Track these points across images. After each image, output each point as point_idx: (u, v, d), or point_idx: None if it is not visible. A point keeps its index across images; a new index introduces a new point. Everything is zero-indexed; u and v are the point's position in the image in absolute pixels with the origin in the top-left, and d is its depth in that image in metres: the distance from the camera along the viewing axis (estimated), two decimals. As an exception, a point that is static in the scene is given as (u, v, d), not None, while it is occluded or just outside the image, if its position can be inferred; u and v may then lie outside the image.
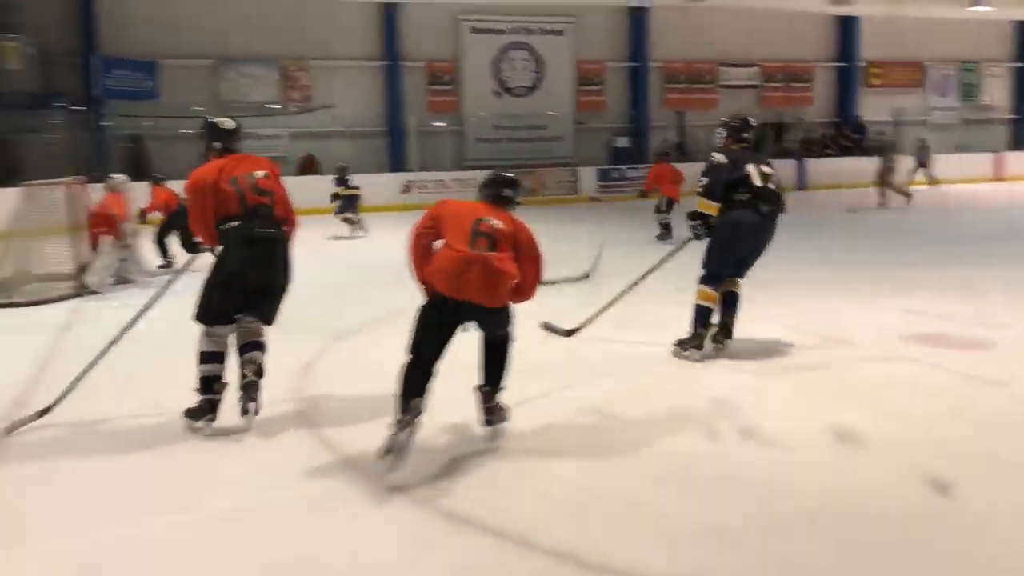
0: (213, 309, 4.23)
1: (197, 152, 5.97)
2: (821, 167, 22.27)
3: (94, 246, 8.84)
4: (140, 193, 15.81)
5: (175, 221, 9.75)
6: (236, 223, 4.18)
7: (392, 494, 3.33)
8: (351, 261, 10.35)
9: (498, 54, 21.60)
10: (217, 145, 4.56)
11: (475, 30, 21.28)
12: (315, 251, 11.41)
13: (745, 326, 6.07)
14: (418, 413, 3.51)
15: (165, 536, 3.03)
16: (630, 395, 4.52)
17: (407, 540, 2.99)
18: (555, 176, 20.39)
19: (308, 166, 19.79)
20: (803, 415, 4.13)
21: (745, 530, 2.94)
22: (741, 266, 5.36)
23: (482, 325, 3.76)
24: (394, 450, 3.40)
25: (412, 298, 3.79)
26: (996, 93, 26.29)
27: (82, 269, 8.76)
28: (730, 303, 5.40)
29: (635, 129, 22.60)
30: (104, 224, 8.81)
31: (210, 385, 4.19)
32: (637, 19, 22.23)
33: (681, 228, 6.54)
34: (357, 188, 14.16)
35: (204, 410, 4.16)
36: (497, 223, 3.74)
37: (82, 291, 8.07)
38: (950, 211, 15.63)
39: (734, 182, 5.15)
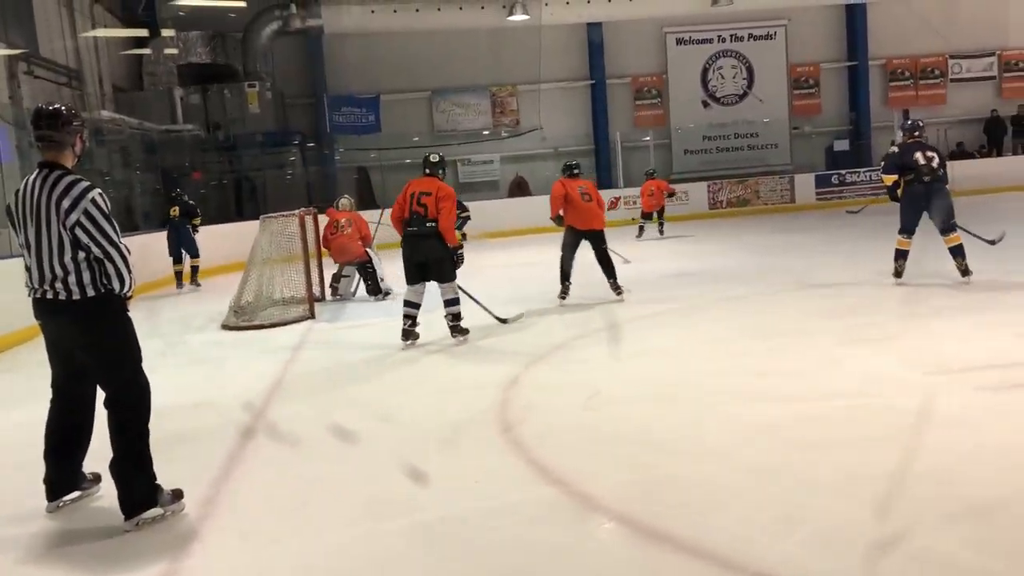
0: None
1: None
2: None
3: (348, 261, 9.67)
4: (368, 219, 16.94)
5: None
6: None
7: (595, 510, 3.29)
8: (556, 278, 10.44)
9: (705, 64, 21.19)
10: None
11: (680, 42, 21.01)
12: (527, 267, 11.70)
13: (975, 336, 5.59)
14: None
15: (377, 543, 3.16)
16: (856, 411, 4.22)
17: (614, 560, 2.94)
18: (770, 184, 19.65)
19: (518, 188, 20.33)
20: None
21: (984, 565, 2.65)
22: (931, 219, 7.56)
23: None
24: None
25: (619, 316, 3.74)
26: None
27: (335, 281, 9.81)
28: (955, 253, 7.51)
29: (855, 131, 21.35)
30: (359, 240, 9.54)
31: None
32: (853, 16, 21.04)
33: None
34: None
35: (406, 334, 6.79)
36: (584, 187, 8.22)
37: (313, 314, 8.68)
38: None
39: (905, 165, 7.53)
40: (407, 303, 6.81)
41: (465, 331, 6.86)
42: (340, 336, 7.82)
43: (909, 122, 8.08)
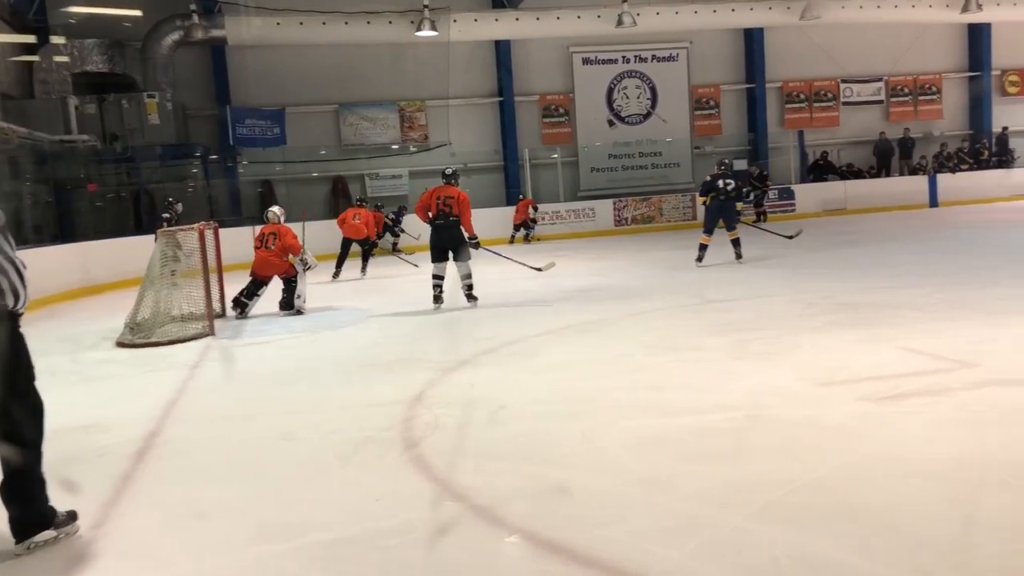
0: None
1: (321, 193, 6.42)
2: (955, 182, 21.19)
3: (267, 275, 9.63)
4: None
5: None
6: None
7: (497, 526, 3.32)
8: (461, 293, 10.48)
9: (611, 83, 21.63)
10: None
11: (587, 61, 21.40)
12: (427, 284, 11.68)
13: (859, 350, 5.87)
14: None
15: (270, 565, 3.11)
16: (747, 423, 4.37)
17: (507, 574, 2.97)
18: (672, 202, 20.17)
19: (426, 203, 20.32)
20: (922, 442, 3.89)
21: (863, 567, 2.78)
22: (723, 223, 11.57)
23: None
24: None
25: (523, 332, 3.79)
26: None
27: (246, 296, 9.65)
28: (735, 244, 11.65)
29: (753, 152, 22.12)
30: (286, 253, 9.51)
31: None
32: (752, 40, 21.84)
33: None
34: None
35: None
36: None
37: (213, 331, 8.47)
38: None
39: (712, 188, 11.45)
40: (435, 276, 9.28)
41: (476, 298, 9.31)
42: (241, 353, 7.66)
43: (721, 161, 11.99)
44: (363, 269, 13.62)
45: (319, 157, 19.84)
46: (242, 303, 9.68)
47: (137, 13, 16.35)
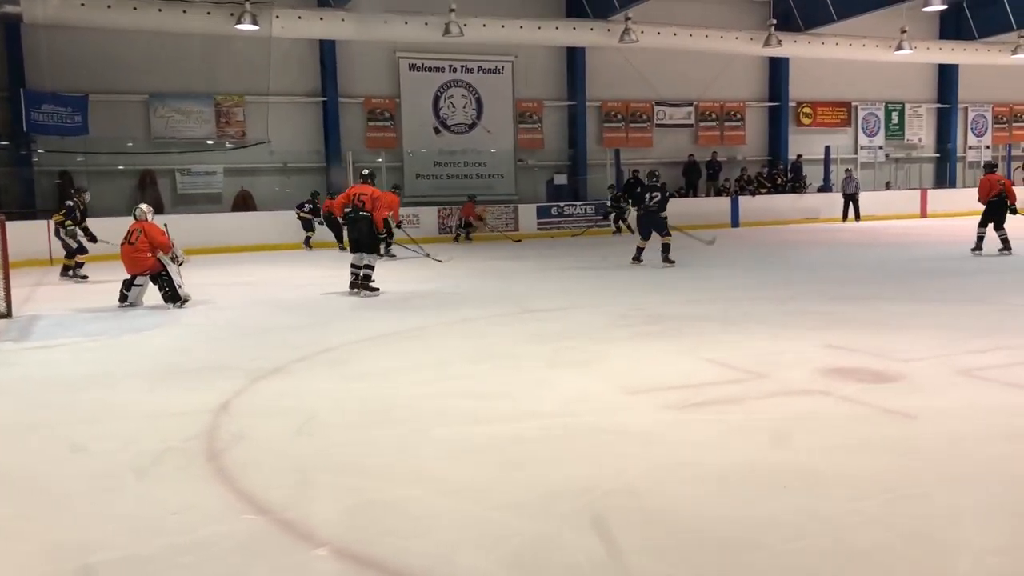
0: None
1: (127, 188, 5.96)
2: (755, 204, 22.75)
3: (136, 272, 9.50)
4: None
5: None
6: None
7: (303, 540, 3.21)
8: (280, 299, 10.17)
9: (437, 91, 21.68)
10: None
11: (413, 67, 21.35)
12: (242, 288, 11.25)
13: (665, 360, 6.18)
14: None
15: (55, 590, 2.88)
16: (559, 430, 4.48)
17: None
18: (496, 212, 20.44)
19: (243, 202, 19.54)
20: (717, 448, 4.13)
21: (656, 569, 2.90)
22: (647, 233, 12.61)
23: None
24: None
25: (338, 339, 3.69)
26: (920, 132, 27.25)
27: (126, 288, 9.58)
28: (664, 249, 12.36)
29: (573, 167, 22.83)
30: (154, 249, 9.42)
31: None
32: (574, 59, 22.55)
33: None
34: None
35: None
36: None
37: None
38: (874, 246, 16.05)
39: (640, 201, 12.78)
40: (353, 265, 10.10)
41: (376, 289, 10.02)
42: (27, 357, 7.04)
43: (652, 173, 13.41)
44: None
45: (126, 149, 18.64)
46: (123, 295, 9.62)
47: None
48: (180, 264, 9.68)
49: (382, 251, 11.09)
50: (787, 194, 23.94)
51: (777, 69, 24.84)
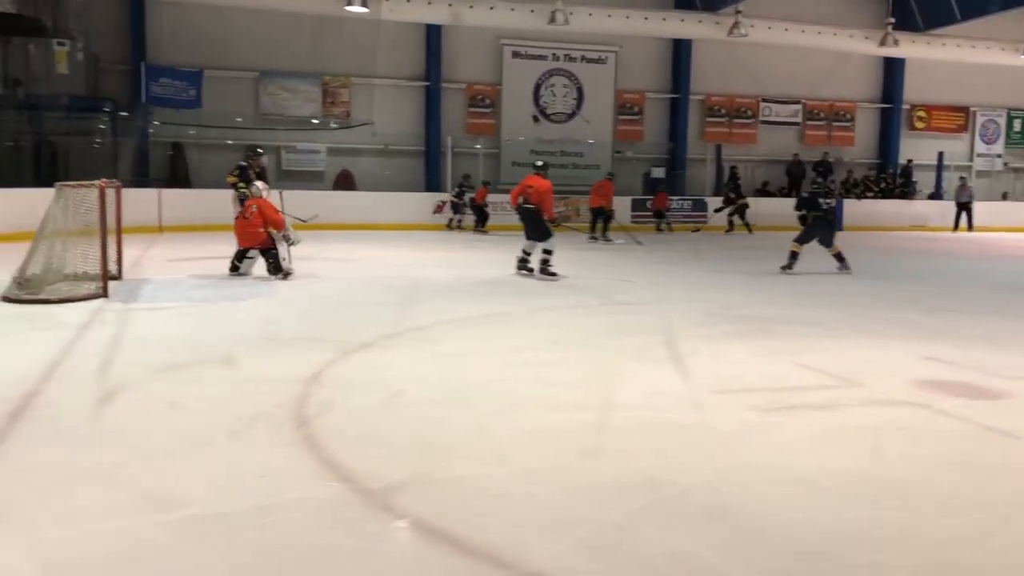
0: None
1: (233, 161, 6.14)
2: (860, 208, 22.02)
3: (248, 246, 9.89)
4: (176, 199, 16.12)
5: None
6: None
7: (380, 510, 3.28)
8: (374, 277, 10.38)
9: (539, 80, 21.69)
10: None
11: (517, 55, 21.41)
12: (341, 264, 11.53)
13: (753, 361, 6.05)
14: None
15: (141, 536, 3.00)
16: (637, 423, 4.44)
17: (392, 559, 2.94)
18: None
19: (344, 181, 19.98)
20: (804, 454, 4.03)
21: (727, 568, 2.86)
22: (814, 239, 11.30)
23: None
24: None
25: (428, 319, 3.75)
26: (1044, 142, 25.88)
27: (238, 259, 9.97)
28: (837, 257, 11.41)
29: (672, 160, 22.52)
30: (266, 225, 9.80)
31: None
32: (679, 51, 22.22)
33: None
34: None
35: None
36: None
37: (106, 292, 8.15)
38: (985, 258, 15.34)
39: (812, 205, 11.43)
40: (524, 251, 10.69)
41: (554, 274, 10.35)
42: (134, 318, 7.38)
43: (814, 180, 12.32)
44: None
45: (235, 124, 19.29)
46: (235, 265, 10.00)
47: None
48: (291, 244, 10.06)
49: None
50: (895, 199, 23.09)
51: (892, 70, 23.94)
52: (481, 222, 18.40)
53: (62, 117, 16.94)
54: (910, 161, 24.01)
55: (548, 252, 10.43)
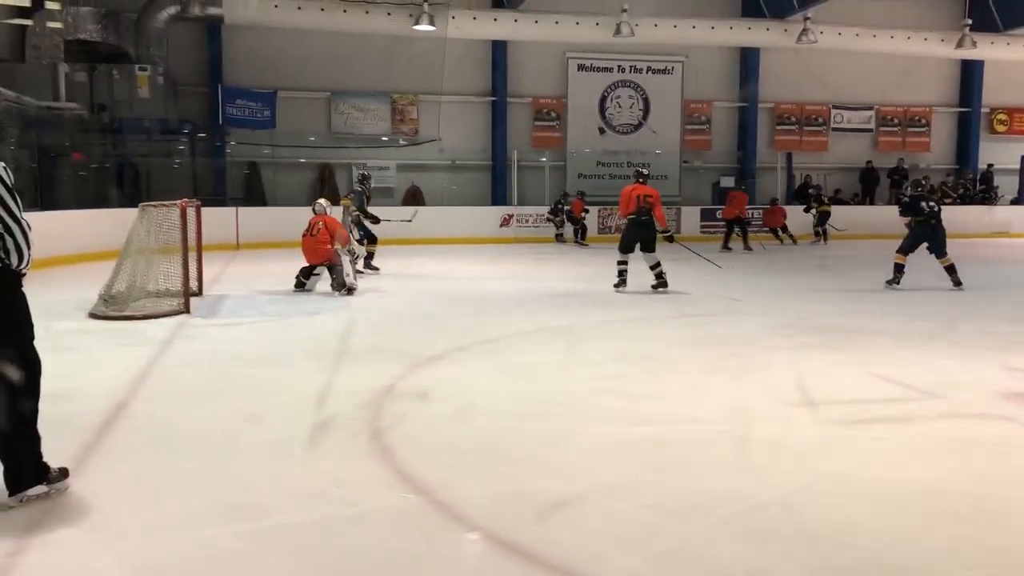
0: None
1: (307, 179, 6.30)
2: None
3: (316, 262, 10.15)
4: (256, 217, 16.55)
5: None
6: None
7: (455, 521, 3.32)
8: (444, 290, 10.48)
9: (604, 92, 21.67)
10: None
11: (582, 68, 21.43)
12: (411, 279, 11.68)
13: (830, 373, 5.92)
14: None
15: (227, 545, 3.10)
16: (713, 437, 4.40)
17: (465, 570, 2.97)
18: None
19: (412, 197, 20.25)
20: (885, 468, 3.93)
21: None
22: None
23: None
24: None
25: (499, 331, 3.78)
26: None
27: (304, 276, 10.23)
28: (949, 271, 10.49)
29: (741, 170, 22.23)
30: (333, 242, 10.02)
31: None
32: (747, 59, 21.95)
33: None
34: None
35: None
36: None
37: (188, 308, 8.41)
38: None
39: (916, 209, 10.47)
40: (621, 262, 10.30)
41: (666, 284, 10.13)
42: (213, 332, 7.61)
43: (918, 181, 12.30)
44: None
45: (308, 143, 19.74)
46: (300, 282, 10.24)
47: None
48: (354, 258, 10.32)
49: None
50: (975, 205, 22.36)
51: (970, 72, 23.22)
52: (581, 234, 18.63)
53: (144, 139, 17.56)
54: (990, 166, 23.23)
55: (659, 262, 10.21)
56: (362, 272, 11.75)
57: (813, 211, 19.09)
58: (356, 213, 12.14)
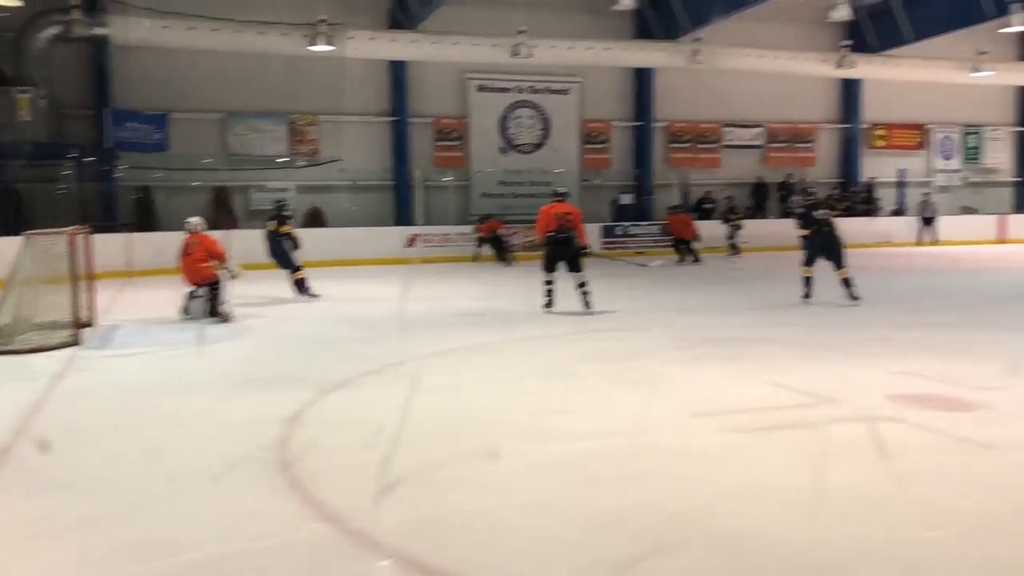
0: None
1: (202, 203, 6.17)
2: (825, 227, 22.30)
3: (197, 283, 9.67)
4: (149, 243, 15.98)
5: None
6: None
7: (371, 548, 3.27)
8: (350, 313, 10.34)
9: (505, 112, 21.87)
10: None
11: (482, 88, 21.58)
12: (310, 301, 11.47)
13: (731, 383, 6.11)
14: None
15: (135, 588, 2.98)
16: (625, 450, 4.46)
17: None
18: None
19: (312, 218, 19.92)
20: (788, 473, 4.07)
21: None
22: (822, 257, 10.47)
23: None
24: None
25: (408, 351, 3.77)
26: (999, 156, 26.45)
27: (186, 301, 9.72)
28: (845, 283, 10.43)
29: (639, 187, 22.74)
30: (210, 259, 9.67)
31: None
32: (642, 80, 22.53)
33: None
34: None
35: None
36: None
37: (78, 340, 8.06)
38: (951, 271, 15.61)
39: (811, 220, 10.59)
40: (547, 282, 9.93)
41: (592, 304, 9.74)
42: (108, 365, 7.30)
43: (805, 189, 12.37)
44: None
45: (202, 165, 19.21)
46: (186, 307, 9.79)
47: (16, 3, 15.47)
48: (233, 278, 9.87)
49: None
50: (859, 217, 23.44)
51: (850, 91, 24.41)
52: (503, 254, 18.20)
53: (26, 164, 16.76)
54: (872, 179, 24.44)
55: (586, 281, 9.87)
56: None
57: (732, 225, 19.67)
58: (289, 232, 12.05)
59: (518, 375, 6.53)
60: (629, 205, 22.15)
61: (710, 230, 19.51)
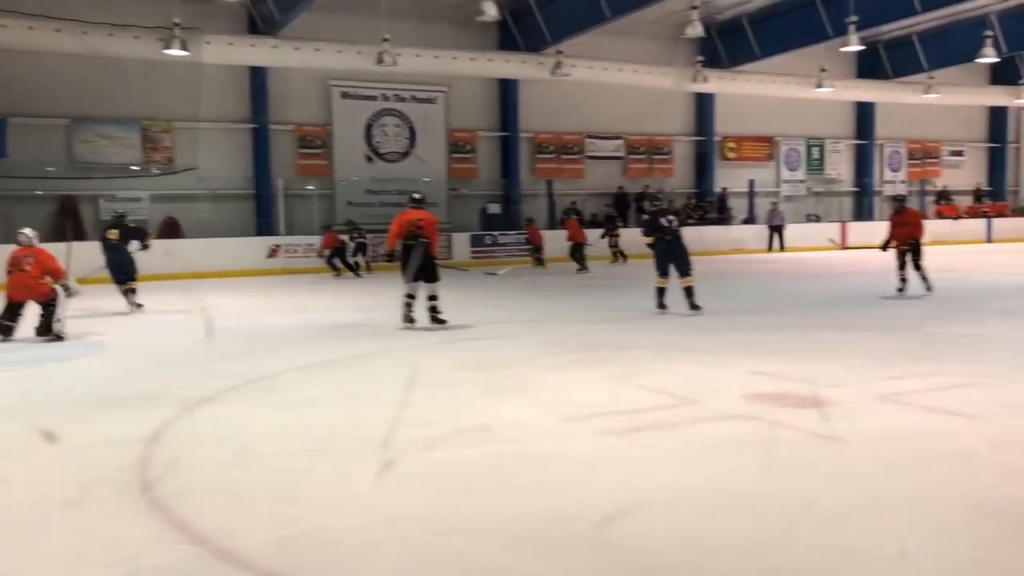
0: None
1: (46, 214, 5.73)
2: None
3: (27, 300, 8.97)
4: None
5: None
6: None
7: (239, 569, 3.16)
8: (211, 327, 9.97)
9: (370, 120, 21.67)
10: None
11: (346, 95, 21.32)
12: (173, 315, 11.01)
13: (600, 387, 6.26)
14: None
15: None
16: (499, 457, 4.49)
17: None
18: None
19: (168, 229, 19.13)
20: (657, 472, 4.21)
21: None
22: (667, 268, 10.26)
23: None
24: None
25: (273, 367, 3.66)
26: (840, 167, 28.29)
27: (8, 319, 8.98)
28: (687, 292, 10.29)
29: (506, 197, 23.00)
30: (50, 276, 9.03)
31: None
32: (507, 91, 22.83)
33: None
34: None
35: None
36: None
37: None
38: (798, 276, 16.53)
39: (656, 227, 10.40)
40: (408, 295, 9.38)
41: (444, 320, 9.37)
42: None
43: (656, 196, 11.83)
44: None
45: (45, 174, 18.10)
46: (6, 327, 8.95)
47: None
48: (71, 295, 9.19)
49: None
50: (714, 225, 24.51)
51: (704, 105, 25.54)
52: (349, 267, 18.08)
53: None
54: (725, 189, 25.62)
55: (437, 296, 9.51)
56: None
57: (613, 235, 20.15)
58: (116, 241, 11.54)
59: (387, 386, 6.47)
60: (497, 214, 22.39)
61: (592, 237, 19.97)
